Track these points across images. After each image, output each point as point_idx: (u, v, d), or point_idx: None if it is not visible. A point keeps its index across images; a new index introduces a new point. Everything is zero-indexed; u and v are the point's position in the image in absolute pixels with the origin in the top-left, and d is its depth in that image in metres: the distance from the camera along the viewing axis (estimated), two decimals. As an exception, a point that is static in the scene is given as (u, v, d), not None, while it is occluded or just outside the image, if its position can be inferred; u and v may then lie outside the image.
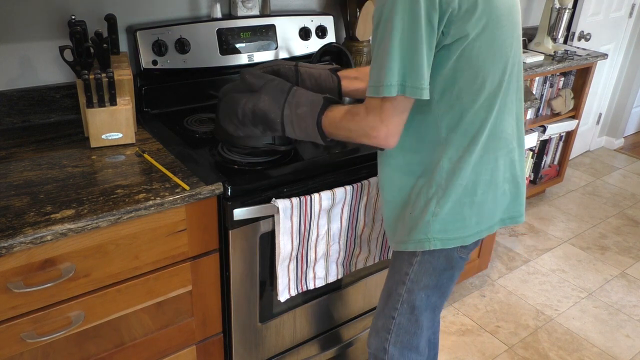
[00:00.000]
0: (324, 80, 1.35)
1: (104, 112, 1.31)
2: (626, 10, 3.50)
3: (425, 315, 1.29)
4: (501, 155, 1.14)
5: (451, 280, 1.28)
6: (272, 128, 1.20)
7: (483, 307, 2.28)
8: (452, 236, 1.15)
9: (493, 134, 1.11)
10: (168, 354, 1.37)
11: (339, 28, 2.04)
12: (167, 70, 1.61)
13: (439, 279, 1.24)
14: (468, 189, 1.12)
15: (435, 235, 1.15)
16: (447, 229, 1.15)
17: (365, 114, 1.06)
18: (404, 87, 0.99)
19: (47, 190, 1.15)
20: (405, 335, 1.30)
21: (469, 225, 1.15)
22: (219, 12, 1.70)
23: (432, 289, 1.26)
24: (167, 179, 1.23)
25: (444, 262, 1.22)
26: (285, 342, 1.59)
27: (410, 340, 1.31)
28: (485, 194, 1.15)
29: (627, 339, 2.15)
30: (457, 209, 1.13)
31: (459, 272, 1.28)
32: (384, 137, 1.05)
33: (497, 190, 1.16)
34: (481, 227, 1.18)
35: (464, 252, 1.23)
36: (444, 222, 1.14)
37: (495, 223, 1.21)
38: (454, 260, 1.22)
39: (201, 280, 1.33)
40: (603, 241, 2.83)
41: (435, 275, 1.23)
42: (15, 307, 1.07)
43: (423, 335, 1.32)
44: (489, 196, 1.15)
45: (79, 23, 1.37)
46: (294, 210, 1.29)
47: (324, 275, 1.49)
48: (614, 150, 3.98)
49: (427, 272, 1.23)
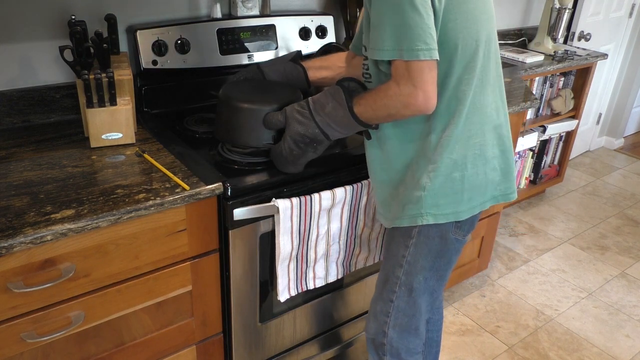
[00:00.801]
0: (289, 72, 1.39)
1: (104, 112, 1.31)
2: (626, 10, 3.50)
3: (424, 298, 1.31)
4: (488, 129, 1.17)
5: (448, 264, 1.29)
6: (318, 142, 1.22)
7: (483, 307, 2.28)
8: (445, 211, 1.17)
9: (475, 107, 1.14)
10: (168, 354, 1.37)
11: (339, 28, 2.04)
12: (167, 70, 1.61)
13: (436, 260, 1.26)
14: (458, 163, 1.14)
15: (428, 210, 1.17)
16: (439, 204, 1.16)
17: (396, 86, 1.06)
18: (411, 52, 1.01)
19: (47, 190, 1.15)
20: (404, 318, 1.32)
21: (461, 200, 1.17)
22: (219, 12, 1.70)
23: (429, 271, 1.27)
24: (167, 179, 1.23)
25: (439, 243, 1.23)
26: (285, 342, 1.59)
27: (409, 322, 1.33)
28: (476, 168, 1.16)
29: (627, 339, 2.15)
30: (448, 183, 1.15)
31: (456, 255, 1.29)
32: (423, 102, 1.04)
33: (487, 165, 1.18)
34: (473, 203, 1.19)
35: (459, 233, 1.24)
36: (436, 197, 1.16)
37: (487, 199, 1.22)
38: (450, 242, 1.23)
39: (201, 280, 1.33)
40: (603, 241, 2.83)
41: (432, 257, 1.25)
42: (15, 307, 1.07)
43: (422, 318, 1.34)
44: (480, 170, 1.17)
45: (79, 23, 1.37)
46: (294, 210, 1.29)
47: (324, 275, 1.49)
48: (614, 150, 3.98)
49: (423, 253, 1.24)
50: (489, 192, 1.21)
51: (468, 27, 1.09)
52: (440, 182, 1.15)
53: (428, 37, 1.01)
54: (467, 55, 1.10)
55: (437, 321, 1.56)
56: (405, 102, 1.05)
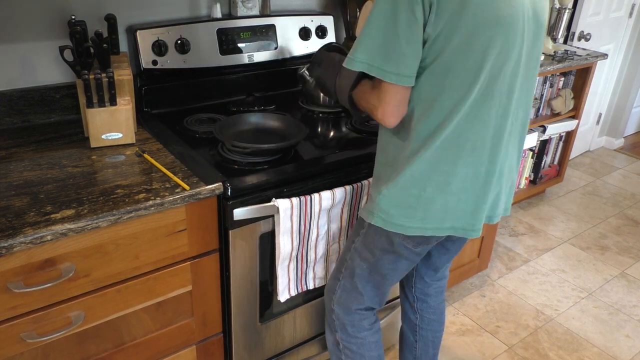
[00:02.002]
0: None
1: (104, 112, 1.31)
2: (626, 10, 3.50)
3: (367, 288, 1.34)
4: (463, 163, 1.12)
5: (394, 266, 1.29)
6: (329, 95, 1.37)
7: (483, 307, 2.28)
8: (394, 221, 1.17)
9: (454, 138, 1.10)
10: (168, 354, 1.37)
11: (339, 28, 2.04)
12: (167, 70, 1.61)
13: (380, 258, 1.27)
14: (417, 181, 1.13)
15: (379, 213, 1.18)
16: (390, 212, 1.17)
17: (370, 93, 1.14)
18: (370, 67, 1.04)
19: (47, 190, 1.15)
20: (347, 296, 1.37)
21: (413, 217, 1.16)
22: (219, 12, 1.70)
23: (372, 265, 1.29)
24: (167, 179, 1.23)
25: (384, 243, 1.24)
26: (285, 342, 1.59)
27: (351, 301, 1.37)
28: (435, 194, 1.14)
29: (627, 339, 2.15)
30: (403, 196, 1.15)
31: (406, 261, 1.28)
32: (381, 117, 1.11)
33: (451, 196, 1.15)
34: (426, 225, 1.17)
35: (409, 243, 1.22)
36: (389, 204, 1.17)
37: (445, 228, 1.18)
38: (396, 245, 1.23)
39: (201, 280, 1.33)
40: (603, 241, 2.83)
41: (376, 253, 1.27)
42: (15, 307, 1.07)
43: (364, 301, 1.36)
44: (439, 198, 1.14)
45: (79, 23, 1.37)
46: (294, 210, 1.29)
47: (324, 275, 1.49)
48: (614, 150, 3.98)
49: (368, 245, 1.27)
50: (448, 222, 1.17)
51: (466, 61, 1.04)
52: (396, 193, 1.15)
53: (401, 63, 1.03)
54: (460, 87, 1.06)
55: (434, 322, 1.56)
56: (370, 109, 1.14)
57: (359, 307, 1.37)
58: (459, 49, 1.03)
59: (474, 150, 1.12)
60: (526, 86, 1.17)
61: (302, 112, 1.71)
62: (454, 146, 1.11)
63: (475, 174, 1.15)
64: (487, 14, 1.02)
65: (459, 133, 1.10)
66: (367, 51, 1.04)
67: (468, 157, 1.13)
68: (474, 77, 1.06)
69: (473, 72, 1.06)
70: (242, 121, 1.48)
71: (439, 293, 1.54)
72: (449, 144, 1.10)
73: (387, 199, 1.16)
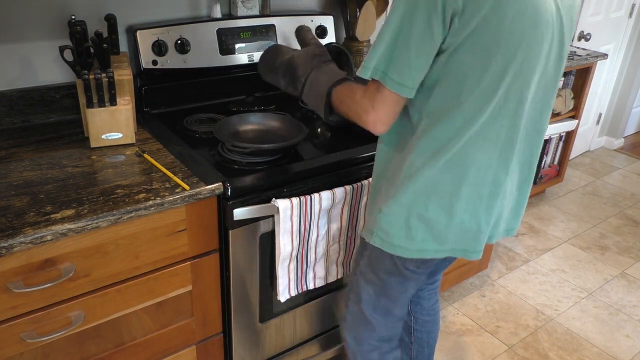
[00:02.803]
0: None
1: (104, 112, 1.31)
2: (626, 10, 3.49)
3: (375, 316, 1.27)
4: (468, 184, 1.07)
5: (402, 288, 1.23)
6: (294, 84, 1.27)
7: (483, 307, 2.28)
8: (394, 242, 1.12)
9: (461, 158, 1.05)
10: (168, 354, 1.37)
11: (339, 28, 2.04)
12: (167, 70, 1.61)
13: (385, 280, 1.21)
14: (419, 199, 1.08)
15: (379, 233, 1.13)
16: (390, 232, 1.12)
17: (361, 95, 1.06)
18: (384, 76, 1.00)
19: (47, 190, 1.15)
20: (357, 326, 1.32)
21: (413, 238, 1.10)
22: (219, 12, 1.70)
23: (379, 288, 1.23)
24: (167, 179, 1.23)
25: (389, 264, 1.18)
26: (285, 342, 1.59)
27: (361, 333, 1.31)
28: (437, 214, 1.08)
29: (627, 339, 2.15)
30: (404, 215, 1.10)
31: (413, 282, 1.23)
32: (372, 123, 1.05)
33: (454, 217, 1.09)
34: (426, 247, 1.11)
35: (410, 264, 1.17)
36: (389, 223, 1.11)
37: (444, 249, 1.13)
38: (401, 269, 1.18)
39: (201, 280, 1.33)
40: (603, 241, 2.83)
41: (380, 275, 1.21)
42: (15, 307, 1.07)
43: (375, 331, 1.30)
44: (441, 219, 1.09)
45: (79, 23, 1.37)
46: (294, 210, 1.29)
47: (324, 275, 1.49)
48: (614, 150, 3.98)
49: (372, 267, 1.22)
50: (448, 244, 1.12)
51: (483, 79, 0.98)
52: (397, 211, 1.10)
53: (405, 73, 0.98)
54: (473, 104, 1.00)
55: (428, 322, 1.54)
56: (358, 112, 1.07)
57: (370, 338, 1.30)
58: (478, 65, 0.97)
59: (478, 171, 1.07)
60: (541, 108, 1.11)
61: (302, 112, 1.71)
62: (459, 166, 1.05)
63: (479, 195, 1.09)
64: (512, 31, 0.96)
65: (466, 153, 1.04)
66: (380, 58, 0.99)
67: (472, 178, 1.07)
68: (490, 96, 1.00)
69: (490, 91, 1.00)
70: (242, 121, 1.48)
71: (433, 295, 1.54)
72: (454, 164, 1.05)
73: (388, 218, 1.11)
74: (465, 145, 1.04)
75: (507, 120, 1.05)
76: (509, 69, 0.99)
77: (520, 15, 0.95)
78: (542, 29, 1.00)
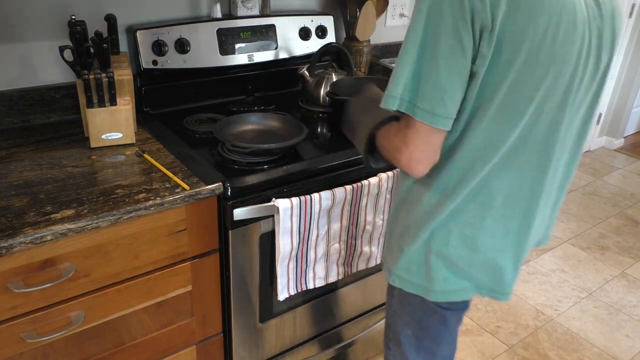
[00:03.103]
0: None
1: (104, 112, 1.31)
2: (626, 11, 3.50)
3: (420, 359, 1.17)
4: (492, 215, 0.97)
5: (443, 325, 1.11)
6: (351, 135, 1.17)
7: (483, 307, 2.28)
8: (414, 280, 1.04)
9: (483, 189, 0.95)
10: (168, 354, 1.37)
11: (339, 28, 2.04)
12: (167, 70, 1.61)
13: (423, 321, 1.11)
14: (440, 235, 0.99)
15: (398, 272, 1.05)
16: (410, 270, 1.04)
17: (395, 134, 0.93)
18: (412, 106, 0.86)
19: (47, 190, 1.15)
20: None
21: (434, 278, 1.01)
22: (219, 12, 1.70)
23: (418, 329, 1.13)
24: (167, 179, 1.23)
25: (421, 304, 1.09)
26: (285, 342, 1.59)
27: None
28: (459, 250, 0.99)
29: (627, 339, 2.15)
30: (424, 252, 1.01)
31: (454, 319, 1.12)
32: (406, 163, 0.91)
33: (477, 254, 1.00)
34: (449, 287, 1.02)
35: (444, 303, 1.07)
36: (409, 261, 1.04)
37: (468, 288, 1.04)
38: (434, 307, 1.08)
39: (201, 280, 1.33)
40: (603, 241, 2.83)
41: (417, 315, 1.11)
42: (15, 307, 1.07)
43: None
44: (464, 253, 0.99)
45: (79, 23, 1.37)
46: (294, 210, 1.29)
47: (324, 275, 1.49)
48: (614, 150, 3.98)
49: (406, 308, 1.12)
50: (473, 281, 1.03)
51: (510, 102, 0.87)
52: (416, 248, 1.01)
53: (436, 99, 0.84)
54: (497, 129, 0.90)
55: None
56: (393, 153, 0.94)
57: None
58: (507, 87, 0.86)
59: (506, 203, 0.96)
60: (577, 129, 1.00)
61: (302, 112, 1.71)
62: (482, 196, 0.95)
63: (506, 229, 0.99)
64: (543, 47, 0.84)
65: (489, 182, 0.94)
66: (404, 86, 0.85)
67: (498, 209, 0.96)
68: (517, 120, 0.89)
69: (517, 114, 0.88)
70: (242, 121, 1.48)
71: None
72: (474, 196, 0.95)
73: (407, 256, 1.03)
74: (488, 173, 0.93)
75: (537, 145, 0.93)
76: (538, 90, 0.87)
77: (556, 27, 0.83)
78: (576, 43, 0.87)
